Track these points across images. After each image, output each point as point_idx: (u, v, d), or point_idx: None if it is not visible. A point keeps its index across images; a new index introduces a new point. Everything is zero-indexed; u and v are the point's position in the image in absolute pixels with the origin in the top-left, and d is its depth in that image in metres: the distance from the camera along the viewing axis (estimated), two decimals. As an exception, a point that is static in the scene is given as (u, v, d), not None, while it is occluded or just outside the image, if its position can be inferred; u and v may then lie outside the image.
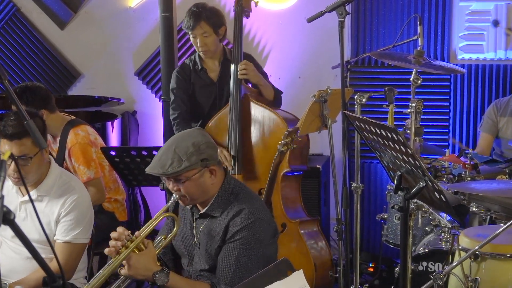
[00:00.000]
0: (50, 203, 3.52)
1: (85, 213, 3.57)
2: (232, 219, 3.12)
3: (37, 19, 6.38)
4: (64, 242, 3.50)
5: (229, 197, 3.20)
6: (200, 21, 4.61)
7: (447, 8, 5.56)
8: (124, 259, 3.02)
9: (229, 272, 3.09)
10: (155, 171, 3.11)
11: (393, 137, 2.77)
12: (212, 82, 4.82)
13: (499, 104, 5.13)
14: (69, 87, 6.42)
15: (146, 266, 3.04)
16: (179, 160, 3.05)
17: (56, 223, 3.50)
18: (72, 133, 4.50)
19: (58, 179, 3.55)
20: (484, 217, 4.21)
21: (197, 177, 3.11)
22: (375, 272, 5.43)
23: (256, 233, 3.12)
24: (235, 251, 3.09)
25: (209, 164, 3.13)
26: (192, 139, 3.12)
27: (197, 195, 3.16)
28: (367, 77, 5.75)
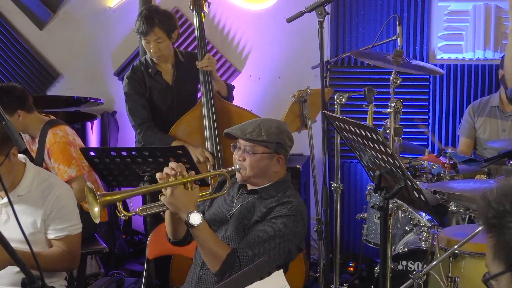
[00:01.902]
0: (33, 202, 3.49)
1: (71, 204, 3.58)
2: (280, 205, 3.17)
3: (16, 19, 6.33)
4: (64, 237, 3.51)
5: (283, 189, 3.26)
6: (153, 27, 4.54)
7: (426, 8, 5.58)
8: (170, 186, 3.03)
9: (256, 247, 3.09)
10: (234, 132, 3.23)
11: (372, 137, 2.77)
12: (168, 85, 4.80)
13: (476, 105, 5.16)
14: (48, 88, 6.39)
15: (186, 202, 3.04)
16: (260, 132, 3.18)
17: (44, 222, 3.49)
18: (50, 133, 4.48)
19: (36, 177, 3.53)
20: (463, 216, 4.24)
21: (265, 156, 3.21)
22: (355, 272, 5.45)
23: (295, 228, 3.18)
24: (271, 232, 3.12)
25: (281, 152, 3.23)
26: (277, 123, 3.28)
27: (256, 173, 3.23)
28: (346, 77, 5.77)
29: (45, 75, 6.37)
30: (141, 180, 3.94)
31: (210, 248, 3.09)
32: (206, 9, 4.72)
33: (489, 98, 5.13)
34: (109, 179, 4.17)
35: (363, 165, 3.12)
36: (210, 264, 3.13)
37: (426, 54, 5.63)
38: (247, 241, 3.14)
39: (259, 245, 3.10)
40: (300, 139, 5.00)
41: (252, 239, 3.14)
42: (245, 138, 3.19)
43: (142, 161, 3.91)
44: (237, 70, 6.00)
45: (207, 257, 3.13)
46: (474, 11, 5.56)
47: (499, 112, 5.02)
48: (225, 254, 3.08)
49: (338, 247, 4.13)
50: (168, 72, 4.80)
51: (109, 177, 4.16)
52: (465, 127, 5.18)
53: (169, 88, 4.79)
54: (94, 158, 4.06)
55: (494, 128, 5.03)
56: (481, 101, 5.17)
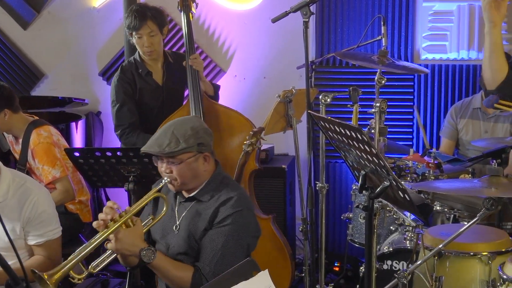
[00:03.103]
0: (10, 209, 3.43)
1: (49, 208, 3.55)
2: (222, 205, 3.13)
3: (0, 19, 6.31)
4: (44, 242, 3.49)
5: (219, 185, 3.23)
6: (146, 20, 4.55)
7: (411, 8, 5.60)
8: (112, 233, 2.98)
9: (215, 256, 3.08)
10: (151, 150, 3.14)
11: (357, 136, 2.78)
12: (158, 85, 4.79)
13: (459, 106, 5.19)
14: (32, 88, 6.36)
15: (133, 242, 3.01)
16: (177, 141, 3.10)
17: (23, 228, 3.46)
18: (34, 133, 4.47)
19: (12, 183, 3.46)
20: (448, 216, 4.26)
21: (191, 161, 3.14)
22: (341, 271, 5.45)
23: (245, 222, 3.16)
24: (224, 237, 3.10)
25: (204, 150, 3.18)
26: (191, 124, 3.18)
27: (188, 180, 3.18)
28: (331, 77, 5.77)
29: (29, 75, 6.34)
30: (126, 180, 3.93)
31: (173, 276, 3.11)
32: (194, 10, 4.72)
33: (471, 99, 5.15)
34: (93, 179, 4.16)
35: (348, 165, 3.13)
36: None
37: (410, 54, 5.65)
38: (204, 254, 3.12)
39: (217, 254, 3.09)
40: (285, 139, 5.03)
41: (208, 251, 3.11)
42: (165, 153, 3.11)
43: (127, 162, 3.89)
44: (222, 70, 6.00)
45: (173, 284, 3.15)
46: (459, 12, 5.58)
47: (481, 114, 5.04)
48: (190, 276, 3.09)
49: (324, 247, 4.14)
50: (158, 72, 4.79)
51: (94, 178, 4.14)
52: (448, 128, 5.20)
53: (159, 88, 4.79)
54: (78, 159, 4.05)
55: (477, 129, 5.05)
56: (463, 103, 5.20)
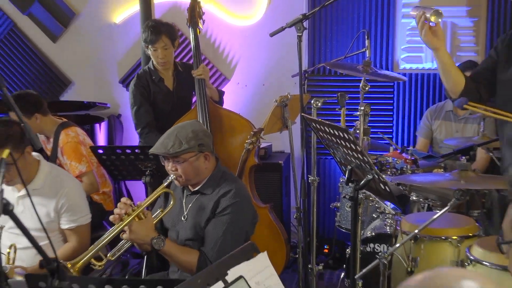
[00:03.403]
0: (46, 195, 3.53)
1: (80, 198, 3.62)
2: (222, 197, 3.17)
3: (32, 34, 6.31)
4: (75, 227, 3.55)
5: (220, 180, 3.25)
6: (161, 35, 4.59)
7: (391, 24, 5.60)
8: (126, 225, 3.03)
9: (218, 242, 3.11)
10: (158, 151, 3.18)
11: (344, 136, 2.79)
12: (169, 90, 4.81)
13: (433, 109, 5.20)
14: (61, 94, 6.36)
15: (145, 232, 3.05)
16: (180, 143, 3.12)
17: (56, 213, 3.52)
18: (63, 133, 4.49)
19: (48, 174, 3.57)
20: (423, 205, 4.26)
21: (193, 160, 3.16)
22: (330, 253, 5.46)
23: (243, 210, 3.19)
24: (225, 224, 3.13)
25: (204, 150, 3.20)
26: (192, 127, 3.21)
27: (191, 176, 3.20)
28: (322, 84, 5.78)
29: (58, 83, 6.35)
30: (143, 174, 3.95)
31: (180, 260, 3.14)
32: (201, 26, 4.73)
33: (444, 103, 5.17)
34: (115, 173, 4.17)
35: (336, 161, 3.14)
36: (186, 271, 3.16)
37: (390, 64, 5.65)
38: (208, 241, 3.15)
39: (219, 239, 3.12)
40: (282, 138, 5.04)
41: (212, 237, 3.15)
42: (170, 154, 3.14)
43: (144, 158, 3.91)
44: (227, 78, 6.00)
45: (182, 267, 3.18)
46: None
47: (453, 116, 5.06)
48: (196, 260, 3.11)
49: (315, 232, 4.15)
50: (169, 79, 4.81)
51: (115, 172, 4.15)
52: (423, 128, 5.21)
53: (170, 93, 4.81)
54: (102, 155, 4.06)
55: (449, 129, 5.06)
56: (437, 106, 5.21)
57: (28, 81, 6.35)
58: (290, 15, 4.03)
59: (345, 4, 5.60)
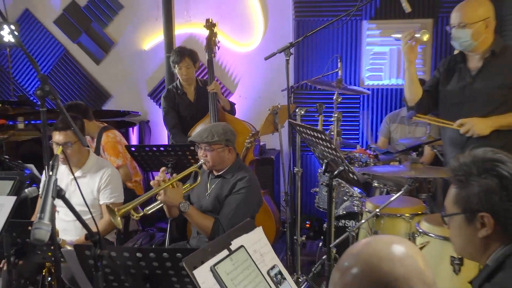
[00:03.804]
0: (92, 177, 3.57)
1: (117, 181, 3.63)
2: (239, 180, 3.19)
3: (80, 58, 6.30)
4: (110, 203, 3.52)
5: (237, 169, 3.27)
6: (184, 56, 4.63)
7: (358, 50, 5.60)
8: (162, 189, 3.05)
9: (230, 213, 3.12)
10: (195, 139, 3.24)
11: (321, 137, 2.79)
12: (191, 102, 4.80)
13: (391, 115, 5.20)
14: (103, 104, 6.35)
15: (175, 197, 3.07)
16: (212, 135, 3.18)
17: (98, 191, 3.55)
18: (104, 135, 4.48)
19: (95, 162, 3.63)
20: (382, 190, 4.26)
21: (220, 150, 3.21)
22: (311, 227, 5.47)
23: (253, 193, 3.21)
24: (238, 201, 3.15)
25: (230, 144, 3.25)
26: (223, 126, 3.29)
27: (216, 163, 3.24)
28: (305, 97, 5.77)
29: (101, 96, 6.34)
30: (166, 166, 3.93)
31: (199, 223, 3.13)
32: (216, 50, 4.75)
33: (400, 110, 5.16)
34: (144, 166, 4.16)
35: (315, 156, 3.13)
36: (203, 232, 3.17)
37: (357, 81, 5.64)
38: (223, 211, 3.16)
39: (232, 211, 3.13)
40: (274, 139, 5.04)
41: (226, 209, 3.16)
42: (204, 142, 3.19)
43: (167, 154, 3.90)
44: (231, 92, 5.99)
45: (199, 228, 3.18)
46: (390, 52, 5.58)
47: (406, 121, 5.05)
48: (211, 224, 3.11)
49: (299, 211, 4.14)
50: (191, 93, 4.82)
51: (145, 165, 4.14)
52: (383, 130, 5.21)
53: (192, 104, 4.80)
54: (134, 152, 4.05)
55: (403, 131, 5.06)
56: (394, 113, 5.21)
57: (77, 94, 6.34)
58: (280, 43, 4.01)
59: (322, 35, 5.59)
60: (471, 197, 1.60)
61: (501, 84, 3.04)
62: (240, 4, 5.84)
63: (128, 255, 2.22)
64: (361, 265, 1.22)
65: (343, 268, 1.25)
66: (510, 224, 1.57)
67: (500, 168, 1.59)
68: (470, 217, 1.62)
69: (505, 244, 1.59)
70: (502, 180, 1.57)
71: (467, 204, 1.61)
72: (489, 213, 1.58)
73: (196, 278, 1.81)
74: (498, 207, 1.57)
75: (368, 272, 1.20)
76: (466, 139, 3.09)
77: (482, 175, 1.59)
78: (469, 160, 1.64)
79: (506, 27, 5.04)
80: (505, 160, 1.61)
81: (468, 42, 3.04)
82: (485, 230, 1.60)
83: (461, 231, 1.65)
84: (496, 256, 1.60)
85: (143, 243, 4.68)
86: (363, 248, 1.26)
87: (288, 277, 2.10)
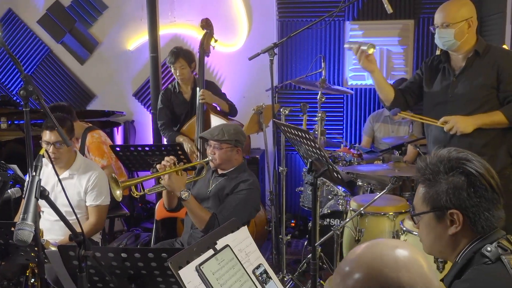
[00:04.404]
0: (79, 179, 3.52)
1: (104, 185, 3.57)
2: (243, 182, 3.20)
3: (64, 58, 6.22)
4: (96, 206, 3.50)
5: (242, 171, 3.29)
6: (179, 57, 4.60)
7: (341, 50, 5.61)
8: (167, 173, 3.03)
9: (228, 210, 3.11)
10: (206, 136, 3.26)
11: (306, 136, 2.78)
12: (186, 101, 4.78)
13: (374, 115, 5.22)
14: (87, 104, 6.28)
15: (179, 184, 3.05)
16: (223, 134, 3.20)
17: (85, 193, 3.50)
18: (89, 135, 4.44)
19: (82, 163, 3.58)
20: (366, 188, 4.28)
21: (228, 150, 3.23)
22: (296, 226, 5.47)
23: (253, 197, 3.22)
24: (238, 200, 3.15)
25: (238, 145, 3.25)
26: (234, 126, 3.31)
27: (223, 161, 3.25)
28: (289, 97, 5.77)
29: (85, 96, 6.27)
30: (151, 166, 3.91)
31: (197, 213, 3.09)
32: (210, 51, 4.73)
33: (383, 110, 5.19)
34: (129, 166, 4.14)
35: (300, 155, 3.13)
36: (198, 224, 3.12)
37: (341, 81, 5.66)
38: (222, 207, 3.15)
39: (230, 209, 3.11)
40: (258, 138, 5.03)
41: (226, 206, 3.14)
42: (214, 139, 3.20)
43: (152, 154, 3.88)
44: (216, 92, 5.97)
45: (195, 219, 3.13)
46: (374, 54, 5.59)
47: (389, 120, 5.08)
48: (208, 217, 3.09)
49: (284, 210, 4.14)
50: (187, 92, 4.79)
51: (129, 164, 4.12)
52: (367, 129, 5.23)
53: (186, 102, 4.78)
54: (119, 152, 4.03)
55: (387, 130, 5.09)
56: (377, 112, 5.23)
57: (61, 95, 6.26)
58: (264, 43, 4.00)
59: (306, 35, 5.59)
60: (440, 194, 1.62)
61: (483, 83, 3.07)
62: (224, 5, 5.82)
63: (113, 256, 2.19)
64: (364, 270, 1.18)
65: (345, 272, 1.20)
66: (479, 220, 1.60)
67: (466, 166, 1.61)
68: (440, 215, 1.63)
69: (473, 241, 1.62)
70: (469, 177, 1.60)
71: (436, 202, 1.63)
72: (458, 210, 1.60)
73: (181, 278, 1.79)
74: (467, 204, 1.59)
75: (372, 278, 1.16)
76: (449, 137, 3.11)
77: (449, 173, 1.62)
78: (436, 160, 1.66)
79: (486, 27, 5.09)
80: (470, 158, 1.63)
81: (452, 42, 3.06)
82: (455, 227, 1.61)
83: (430, 229, 1.66)
84: (465, 253, 1.62)
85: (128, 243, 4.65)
86: (366, 252, 1.22)
87: (273, 276, 2.09)
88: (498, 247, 1.57)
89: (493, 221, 1.61)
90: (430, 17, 3.22)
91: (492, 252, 1.56)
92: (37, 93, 2.02)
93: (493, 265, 1.55)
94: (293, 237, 5.19)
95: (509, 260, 1.54)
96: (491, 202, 1.60)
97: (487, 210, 1.60)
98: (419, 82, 3.36)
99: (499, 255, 1.55)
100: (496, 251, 1.56)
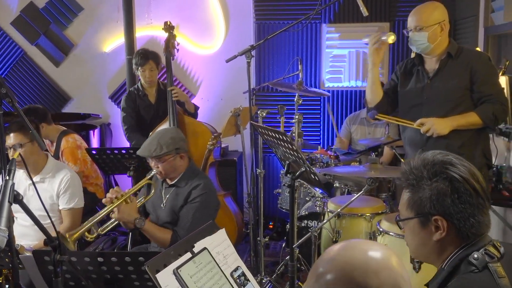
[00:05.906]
0: (51, 182, 3.47)
1: (77, 187, 3.53)
2: (194, 189, 3.13)
3: (39, 60, 6.13)
4: (69, 209, 3.46)
5: (191, 175, 3.21)
6: (148, 60, 4.56)
7: (318, 53, 5.64)
8: (115, 207, 2.97)
9: (187, 223, 3.07)
10: (144, 154, 3.14)
11: (283, 138, 2.78)
12: (151, 104, 4.73)
13: (351, 117, 5.26)
14: (62, 107, 6.20)
15: (130, 213, 3.00)
16: (161, 147, 3.09)
17: (57, 196, 3.46)
18: (64, 140, 4.38)
19: (54, 166, 3.53)
20: (343, 190, 4.30)
21: (171, 160, 3.13)
22: (274, 228, 5.47)
23: (209, 200, 3.15)
24: (194, 209, 3.09)
25: (180, 151, 3.16)
26: (171, 134, 3.17)
27: (169, 172, 3.17)
28: (266, 99, 5.77)
29: (60, 98, 6.18)
30: (128, 169, 3.88)
31: (157, 237, 3.09)
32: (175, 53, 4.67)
33: (360, 112, 5.23)
34: (106, 169, 4.09)
35: (277, 157, 3.13)
36: (161, 245, 3.12)
37: (318, 83, 5.68)
38: (180, 222, 3.12)
39: (190, 220, 3.09)
40: (236, 141, 5.02)
41: (183, 219, 3.11)
42: (153, 156, 3.12)
43: (129, 156, 3.85)
44: (193, 94, 5.94)
45: (158, 243, 3.13)
46: (349, 55, 5.64)
47: (366, 122, 5.12)
48: (169, 237, 3.07)
49: (262, 212, 4.14)
50: (152, 95, 4.73)
51: (106, 168, 4.07)
52: (344, 131, 5.26)
53: (151, 105, 4.72)
54: (95, 155, 3.98)
55: (363, 132, 5.13)
56: (354, 114, 5.27)
57: (36, 98, 6.17)
58: (241, 46, 4.01)
59: (283, 37, 5.61)
60: (423, 201, 1.59)
61: (457, 85, 3.11)
62: (201, 7, 5.81)
63: (89, 260, 2.16)
64: (335, 272, 1.19)
65: (318, 273, 1.22)
66: (464, 226, 1.57)
67: (450, 171, 1.58)
68: (424, 221, 1.61)
69: (460, 248, 1.59)
70: (453, 183, 1.56)
71: (420, 208, 1.61)
72: (442, 216, 1.57)
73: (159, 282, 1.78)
74: (451, 210, 1.56)
75: (341, 280, 1.18)
76: (426, 139, 3.14)
77: (433, 178, 1.59)
78: (419, 164, 1.63)
79: (459, 31, 5.17)
80: (454, 163, 1.60)
81: (425, 45, 3.10)
82: (440, 233, 1.59)
83: (415, 234, 1.65)
84: (451, 260, 1.60)
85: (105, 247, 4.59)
86: (339, 254, 1.23)
87: (251, 278, 2.09)
88: (485, 254, 1.54)
89: (479, 227, 1.58)
90: (406, 20, 3.24)
91: (479, 260, 1.53)
92: (11, 95, 1.98)
93: (480, 273, 1.52)
94: (271, 239, 5.20)
95: (496, 268, 1.52)
96: (476, 208, 1.57)
97: (472, 216, 1.56)
98: (394, 87, 3.39)
99: (486, 263, 1.53)
100: (483, 258, 1.53)
